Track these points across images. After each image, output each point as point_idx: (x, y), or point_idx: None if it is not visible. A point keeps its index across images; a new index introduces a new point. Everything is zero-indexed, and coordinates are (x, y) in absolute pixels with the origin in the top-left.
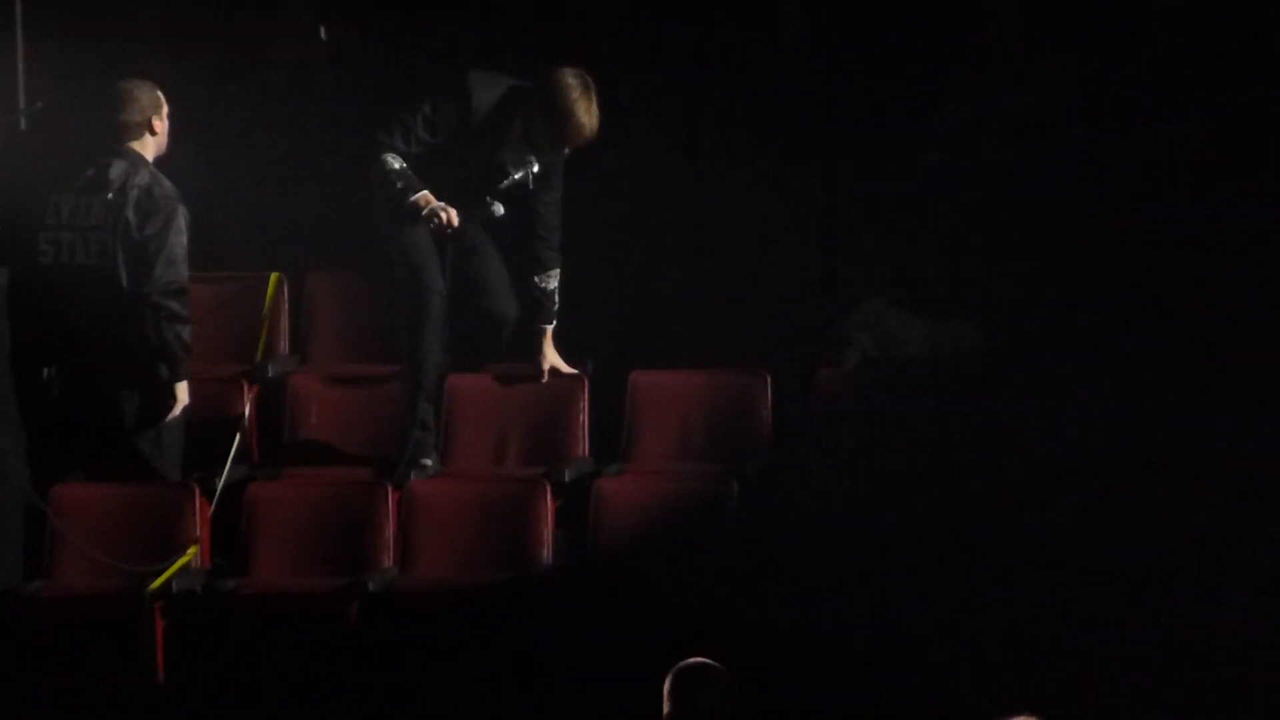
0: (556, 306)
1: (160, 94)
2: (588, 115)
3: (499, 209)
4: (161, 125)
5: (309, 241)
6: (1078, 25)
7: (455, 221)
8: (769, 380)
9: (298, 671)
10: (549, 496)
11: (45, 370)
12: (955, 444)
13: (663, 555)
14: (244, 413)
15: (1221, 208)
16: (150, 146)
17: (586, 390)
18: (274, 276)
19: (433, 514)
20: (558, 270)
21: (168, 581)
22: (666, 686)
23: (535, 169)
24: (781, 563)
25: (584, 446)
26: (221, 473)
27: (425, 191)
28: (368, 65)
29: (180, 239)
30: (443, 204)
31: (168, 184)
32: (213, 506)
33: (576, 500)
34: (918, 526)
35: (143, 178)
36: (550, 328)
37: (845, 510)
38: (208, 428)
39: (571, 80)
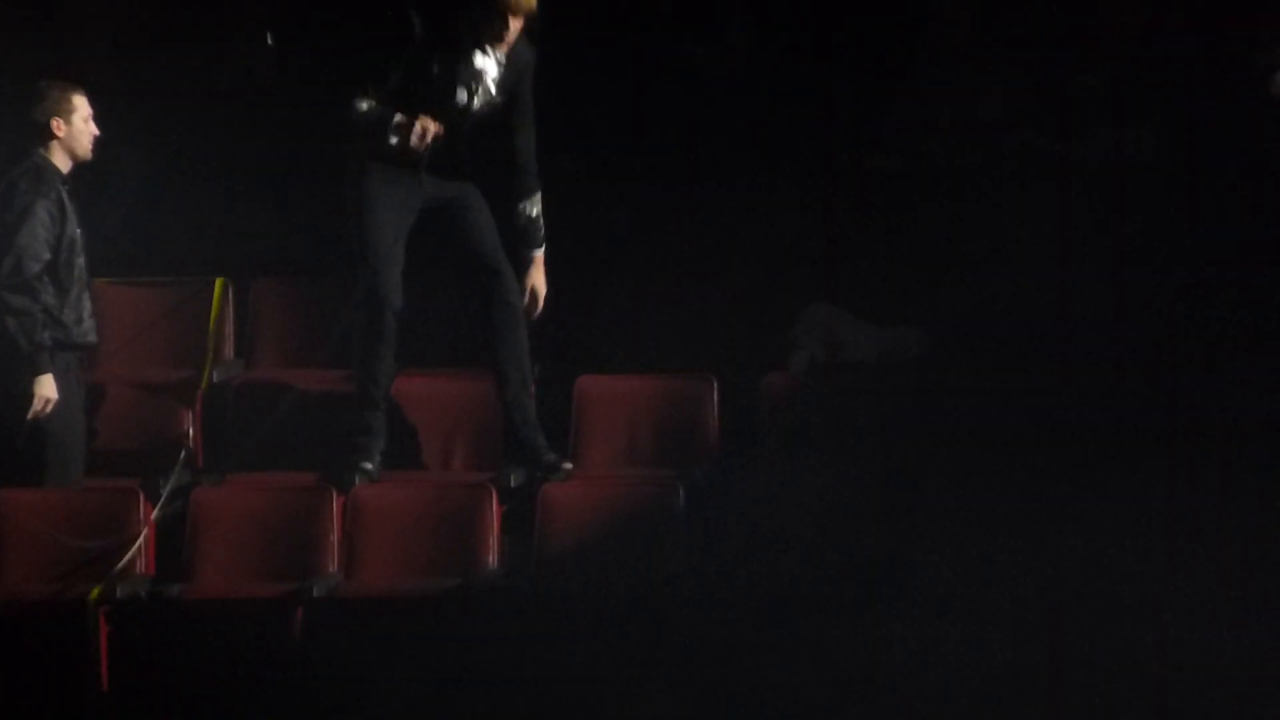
0: (542, 231)
1: (73, 95)
2: None
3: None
4: (66, 128)
5: (255, 246)
6: (1026, 30)
7: (433, 128)
8: (715, 385)
9: (242, 678)
10: (494, 501)
11: None
12: (903, 449)
13: (610, 560)
14: (189, 418)
15: (1171, 212)
16: (56, 149)
17: (533, 396)
18: (219, 282)
19: (378, 519)
20: (539, 194)
21: (112, 588)
22: None
23: (493, 75)
24: (729, 568)
25: None
26: (167, 479)
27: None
28: (315, 70)
29: (34, 232)
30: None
31: (38, 180)
32: (156, 512)
33: (523, 505)
34: (865, 533)
35: (13, 174)
36: (539, 252)
37: (793, 516)
38: (153, 433)
39: None
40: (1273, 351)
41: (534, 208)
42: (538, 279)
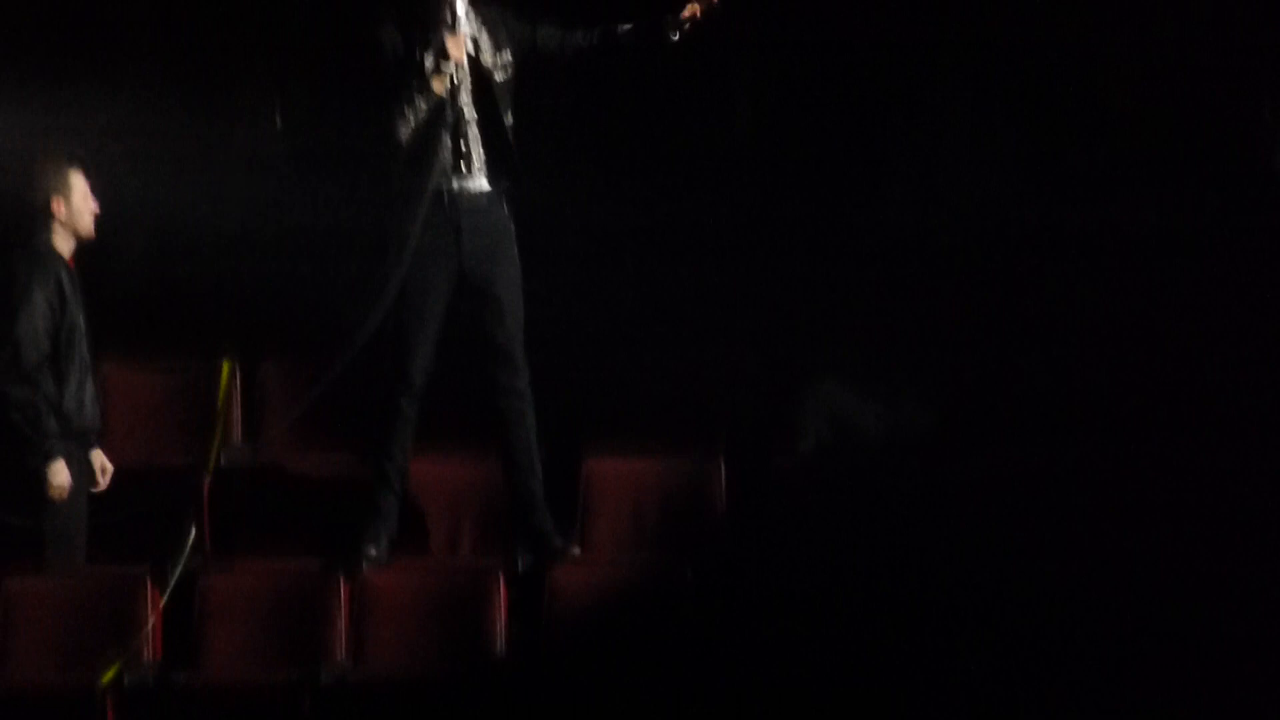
0: None
1: (69, 172)
2: None
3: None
4: (66, 207)
5: (263, 328)
6: (1028, 102)
7: (453, 50)
8: (723, 467)
9: None
10: (502, 586)
11: None
12: (913, 529)
13: (618, 645)
14: (198, 502)
15: (1175, 283)
16: (57, 231)
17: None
18: (226, 365)
19: (385, 604)
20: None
21: (120, 674)
22: None
23: (483, 37)
24: (737, 651)
25: None
26: (175, 563)
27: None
28: (325, 148)
29: (33, 323)
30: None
31: (36, 266)
32: (165, 597)
33: (531, 589)
34: (875, 616)
35: (12, 261)
36: None
37: (802, 599)
38: (161, 517)
39: None
40: None
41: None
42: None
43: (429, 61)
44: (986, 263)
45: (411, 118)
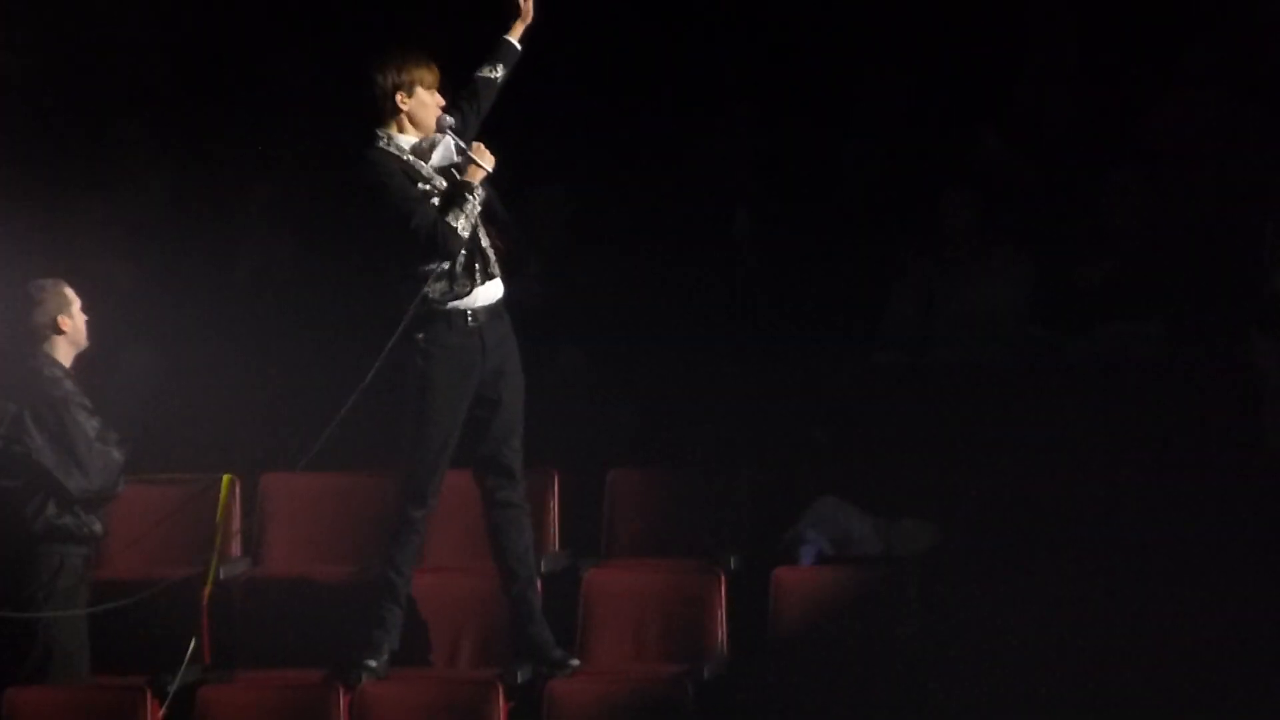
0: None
1: (68, 291)
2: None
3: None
4: (70, 322)
5: (262, 442)
6: (1031, 226)
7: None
8: (723, 579)
9: None
10: (501, 699)
11: None
12: (912, 644)
13: None
14: (197, 615)
15: (1178, 407)
16: (61, 346)
17: (539, 589)
18: (226, 478)
19: (385, 717)
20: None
21: None
22: None
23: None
24: None
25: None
26: (175, 675)
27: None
28: (330, 264)
29: (89, 430)
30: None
31: (67, 385)
32: (164, 710)
33: (530, 702)
34: None
35: (38, 381)
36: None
37: (802, 712)
38: (161, 629)
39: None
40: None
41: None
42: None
43: (446, 162)
44: (989, 382)
45: (457, 224)
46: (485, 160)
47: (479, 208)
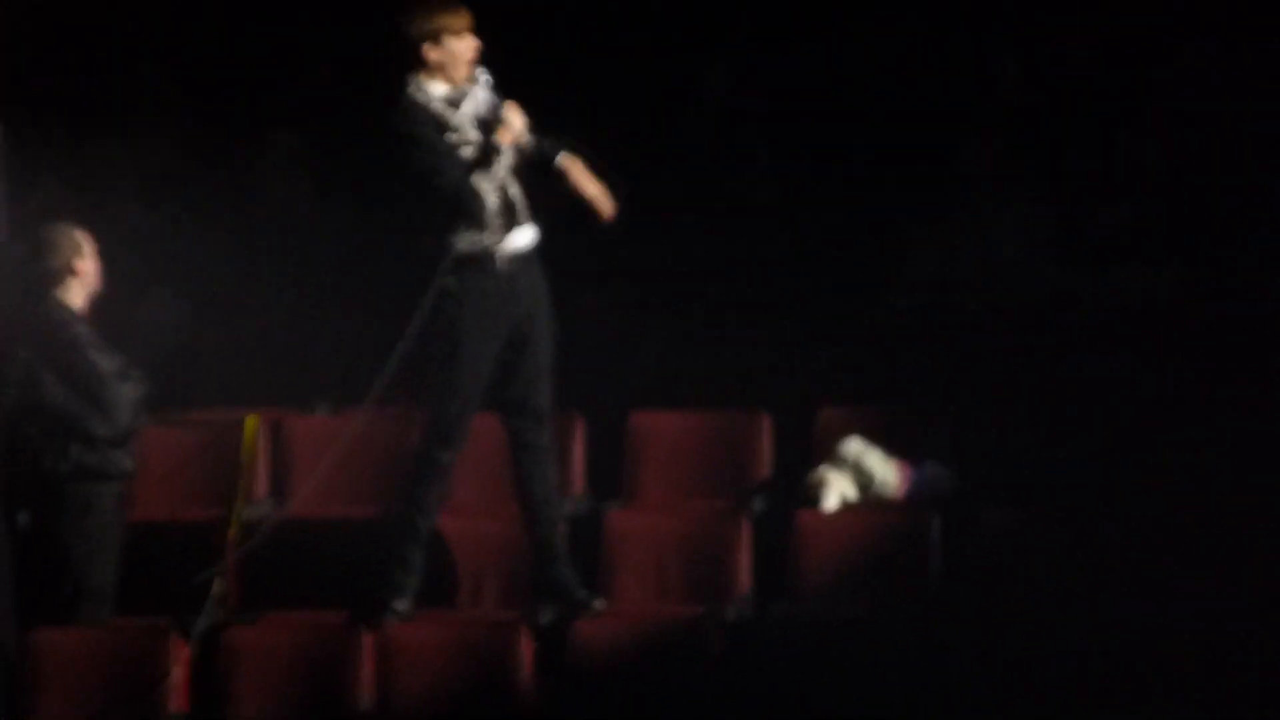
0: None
1: (81, 236)
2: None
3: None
4: (83, 267)
5: (288, 383)
6: (1049, 169)
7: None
8: (747, 522)
9: None
10: (525, 639)
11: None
12: (933, 588)
13: (641, 700)
14: (223, 557)
15: (1196, 349)
16: (74, 291)
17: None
18: (250, 420)
19: (409, 657)
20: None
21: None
22: None
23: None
24: (759, 705)
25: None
26: (202, 617)
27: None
28: (352, 205)
29: (105, 368)
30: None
31: (79, 327)
32: (191, 651)
33: (555, 643)
34: (896, 670)
35: (50, 324)
36: (564, 156)
37: (826, 652)
38: (187, 571)
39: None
40: None
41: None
42: (583, 181)
43: (475, 120)
44: (1007, 327)
45: (480, 186)
46: (515, 122)
47: (507, 167)
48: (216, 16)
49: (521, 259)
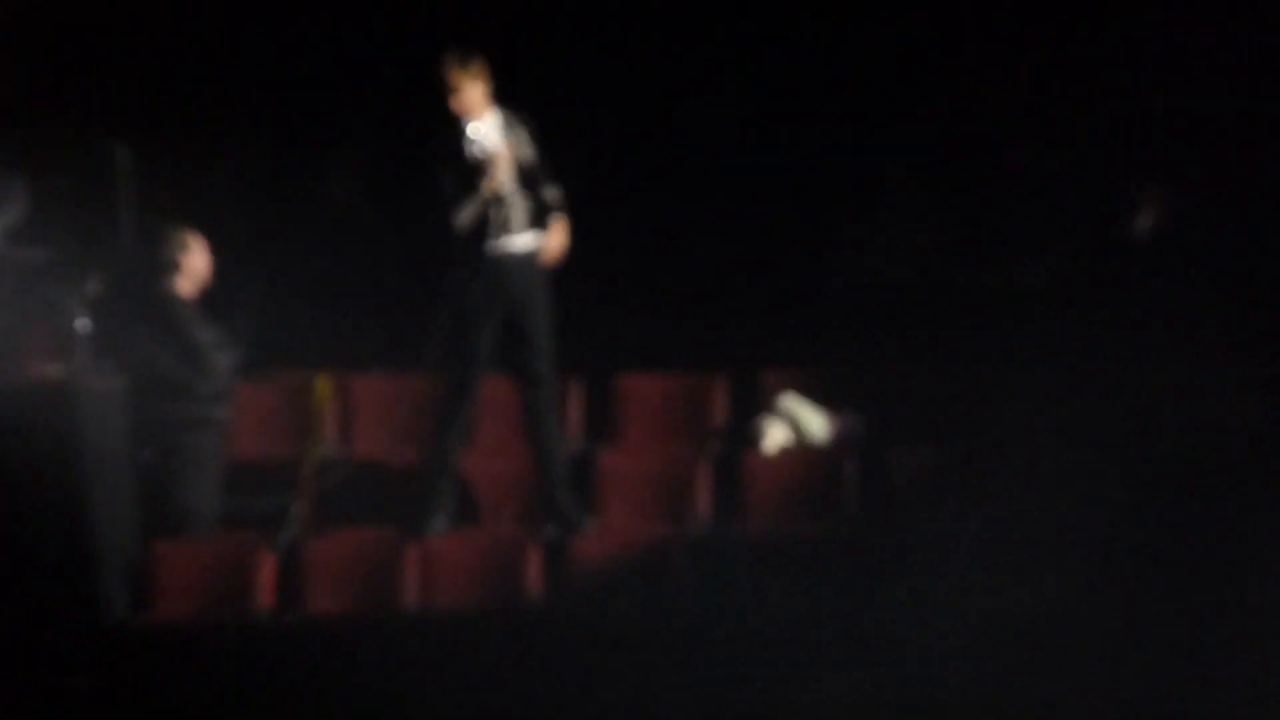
0: (561, 207)
1: (189, 238)
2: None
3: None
4: (189, 262)
5: (355, 347)
6: (948, 178)
7: (498, 167)
8: (707, 461)
9: (337, 689)
10: (534, 551)
11: (144, 452)
12: (850, 511)
13: (624, 597)
14: (300, 486)
15: (1062, 323)
16: (183, 281)
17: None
18: (322, 379)
19: (445, 564)
20: (557, 194)
21: (243, 614)
22: None
23: (495, 135)
24: (713, 602)
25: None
26: (285, 532)
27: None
28: (398, 210)
29: (203, 342)
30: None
31: (182, 310)
32: (277, 559)
33: (556, 554)
34: (822, 572)
35: (160, 309)
36: (558, 216)
37: (766, 561)
38: (272, 498)
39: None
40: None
41: (553, 199)
42: (556, 236)
43: (476, 161)
44: (912, 303)
45: (469, 204)
46: (497, 173)
47: (492, 198)
48: (291, 63)
49: (517, 258)
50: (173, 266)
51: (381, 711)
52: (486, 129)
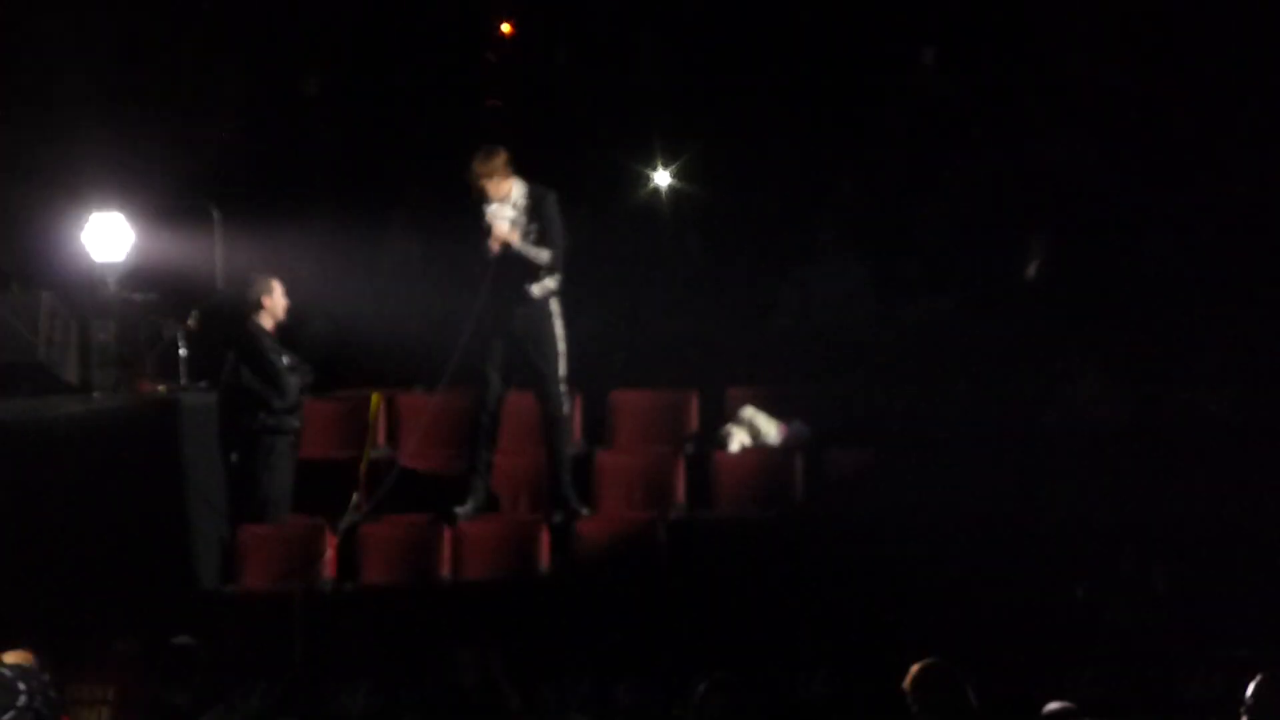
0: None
1: (271, 281)
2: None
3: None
4: (270, 301)
5: (397, 372)
6: (870, 236)
7: (498, 234)
8: (683, 459)
9: (386, 643)
10: (544, 532)
11: (232, 454)
12: (798, 501)
13: (617, 569)
14: (357, 481)
15: (962, 351)
16: (265, 317)
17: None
18: (375, 395)
19: (473, 542)
20: (555, 275)
21: (311, 585)
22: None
23: (509, 215)
24: (693, 575)
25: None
26: (344, 518)
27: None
28: (443, 257)
29: (278, 364)
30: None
31: (265, 340)
32: (338, 539)
33: (561, 534)
34: (776, 553)
35: (248, 340)
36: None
37: (731, 542)
38: (335, 491)
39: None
40: None
41: (546, 259)
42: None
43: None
44: (844, 336)
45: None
46: (495, 237)
47: (496, 259)
48: (358, 137)
49: (517, 304)
50: (257, 305)
51: (424, 663)
52: (498, 208)
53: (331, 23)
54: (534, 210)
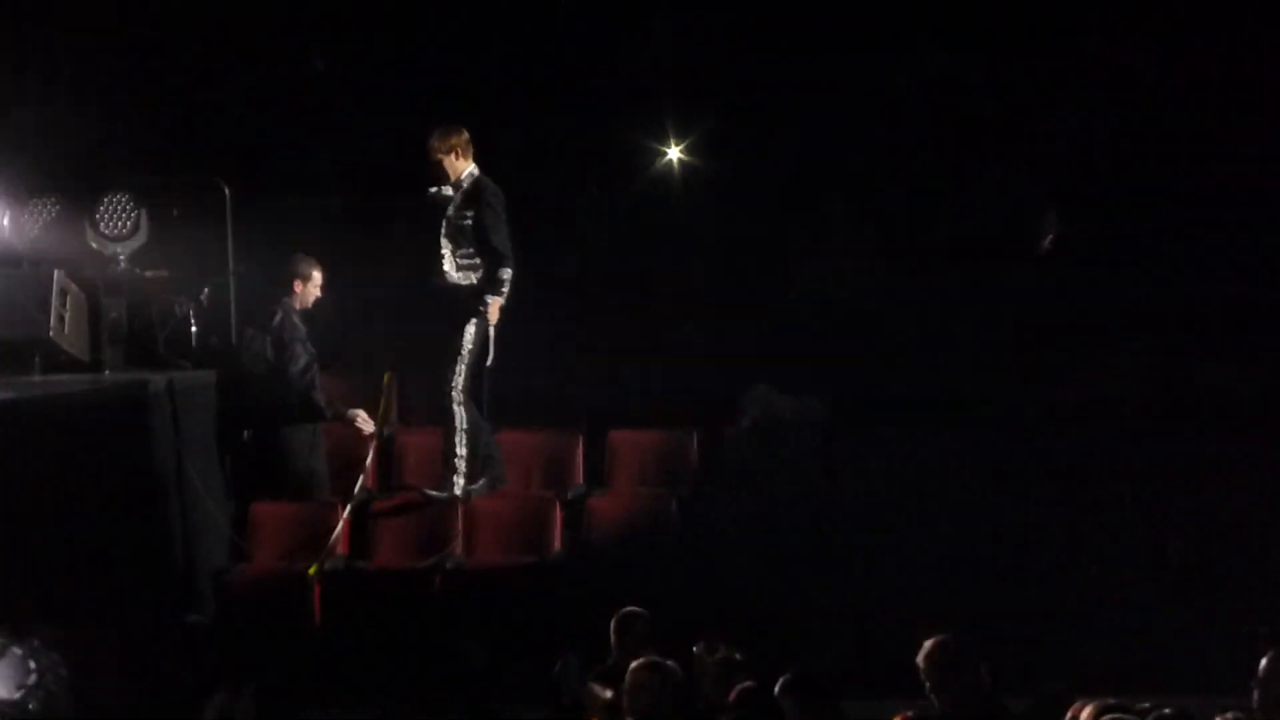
0: (501, 287)
1: (308, 266)
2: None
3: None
4: (302, 286)
5: (406, 355)
6: (879, 215)
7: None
8: (695, 436)
9: (398, 617)
10: (558, 508)
11: (245, 433)
12: (813, 479)
13: (630, 546)
14: (368, 458)
15: (964, 329)
16: (297, 299)
17: (581, 444)
18: (387, 375)
19: (486, 519)
20: (497, 269)
21: (322, 562)
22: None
23: (455, 200)
24: (704, 549)
25: (580, 477)
26: (356, 494)
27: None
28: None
29: (300, 356)
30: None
31: (294, 324)
32: (349, 515)
33: (575, 510)
34: (786, 531)
35: (278, 320)
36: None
37: (744, 518)
38: (346, 468)
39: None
40: None
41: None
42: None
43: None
44: (856, 311)
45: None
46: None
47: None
48: (365, 123)
49: (445, 291)
50: (290, 286)
51: (444, 640)
52: (442, 190)
53: None
54: (472, 196)
